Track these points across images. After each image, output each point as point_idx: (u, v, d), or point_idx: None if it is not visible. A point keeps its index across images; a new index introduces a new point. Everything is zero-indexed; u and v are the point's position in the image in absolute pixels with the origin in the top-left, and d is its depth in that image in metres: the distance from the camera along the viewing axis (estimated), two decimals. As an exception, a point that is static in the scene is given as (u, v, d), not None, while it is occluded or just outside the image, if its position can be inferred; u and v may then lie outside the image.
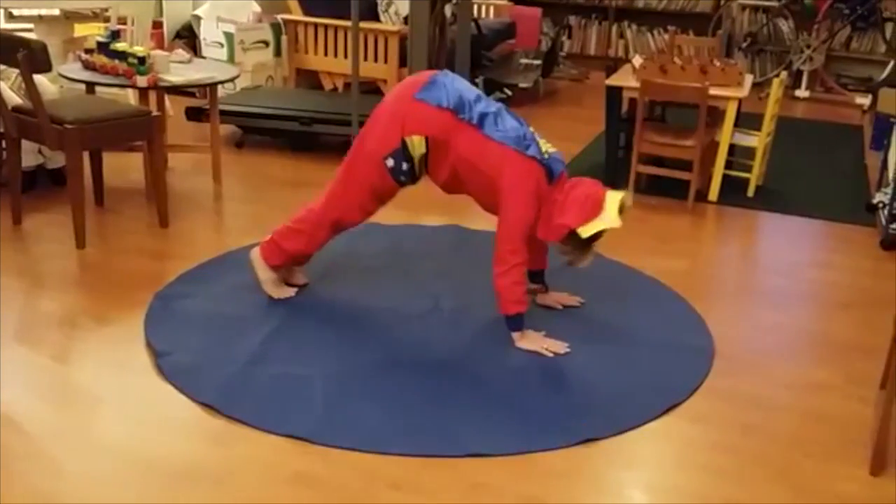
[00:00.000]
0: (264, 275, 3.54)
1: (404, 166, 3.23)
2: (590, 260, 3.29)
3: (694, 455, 2.72)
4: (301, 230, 3.45)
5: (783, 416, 2.95)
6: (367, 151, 3.28)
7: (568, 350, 3.23)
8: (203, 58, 6.14)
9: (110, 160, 4.54)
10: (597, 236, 3.16)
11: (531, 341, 3.25)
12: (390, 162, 3.23)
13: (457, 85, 3.25)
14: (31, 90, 3.81)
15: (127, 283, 3.66)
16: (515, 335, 3.25)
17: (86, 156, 4.18)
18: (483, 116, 3.18)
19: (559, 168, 3.25)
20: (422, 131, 3.17)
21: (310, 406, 2.82)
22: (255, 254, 3.56)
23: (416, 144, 3.19)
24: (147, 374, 3.00)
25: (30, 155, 4.42)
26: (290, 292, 3.56)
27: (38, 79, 3.93)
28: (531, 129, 3.27)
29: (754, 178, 5.13)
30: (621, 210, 3.13)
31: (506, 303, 3.21)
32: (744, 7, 8.22)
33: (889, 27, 7.84)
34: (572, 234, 3.14)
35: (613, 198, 3.15)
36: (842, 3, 7.77)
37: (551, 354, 3.20)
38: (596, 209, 3.12)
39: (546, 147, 3.25)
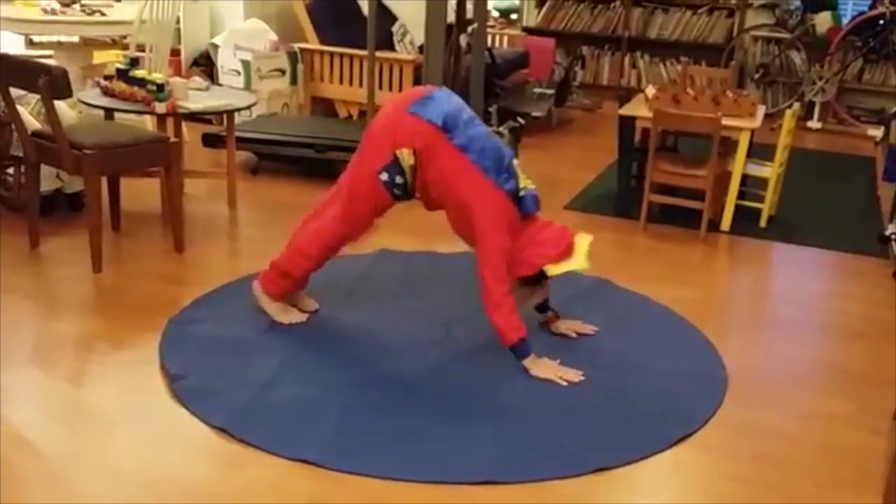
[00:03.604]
0: (269, 306, 3.57)
1: (398, 179, 3.27)
2: (536, 300, 3.42)
3: (706, 485, 2.71)
4: (311, 255, 3.47)
5: (796, 446, 2.94)
6: (364, 167, 3.33)
7: (582, 378, 3.23)
8: (220, 85, 6.22)
9: (127, 185, 4.59)
10: (545, 277, 3.26)
11: (546, 370, 3.26)
12: (384, 176, 3.27)
13: (452, 103, 3.29)
14: (50, 116, 3.87)
15: (142, 307, 3.69)
16: (528, 363, 3.25)
17: (103, 181, 4.23)
18: (470, 140, 3.21)
19: (532, 207, 3.31)
20: (410, 144, 3.21)
21: (323, 431, 2.83)
22: (256, 287, 3.60)
23: (406, 156, 3.23)
24: (161, 398, 3.02)
25: (48, 179, 4.47)
26: (302, 317, 3.59)
27: (58, 104, 3.99)
28: (516, 161, 3.32)
29: (767, 208, 5.14)
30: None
31: (505, 334, 3.22)
32: (756, 38, 8.26)
33: (901, 59, 7.87)
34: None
35: (582, 240, 3.25)
36: (854, 35, 7.80)
37: (565, 383, 3.20)
38: (567, 251, 3.22)
39: (525, 183, 3.30)
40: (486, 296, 3.22)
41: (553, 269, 3.20)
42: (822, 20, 7.87)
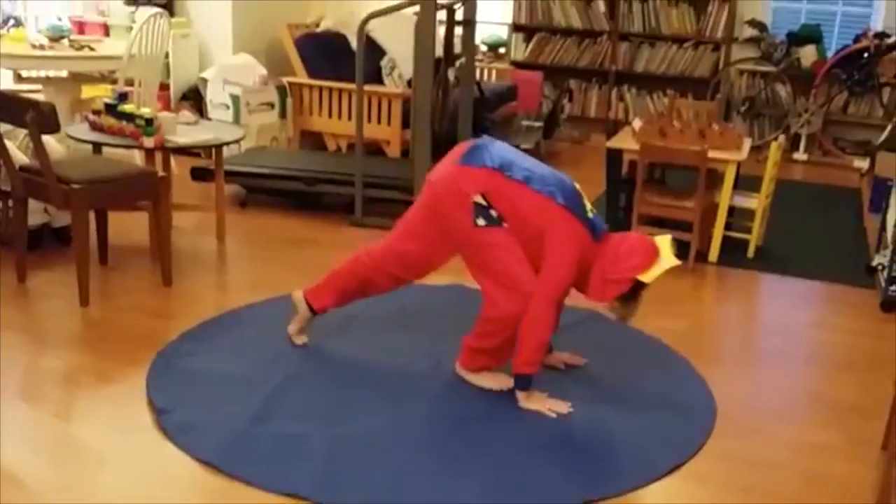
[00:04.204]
0: (304, 314, 3.61)
1: (494, 213, 3.19)
2: (634, 316, 3.33)
3: (696, 516, 2.71)
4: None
5: (785, 476, 2.94)
6: (458, 237, 3.25)
7: (571, 410, 3.23)
8: (209, 119, 6.24)
9: (115, 218, 4.58)
10: (643, 286, 3.17)
11: (535, 401, 3.25)
12: (482, 221, 3.19)
13: (497, 146, 3.29)
14: (38, 150, 3.87)
15: (130, 340, 3.68)
16: (520, 395, 3.25)
17: (91, 214, 4.22)
18: (529, 172, 3.20)
19: (602, 227, 3.27)
20: (476, 189, 3.18)
21: (312, 465, 2.82)
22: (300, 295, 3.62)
23: (480, 199, 3.18)
24: (149, 432, 3.00)
25: (36, 213, 4.46)
26: (304, 341, 3.64)
27: (46, 139, 3.99)
28: (577, 185, 3.29)
29: (754, 239, 5.17)
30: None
31: (524, 362, 3.20)
32: (742, 72, 8.34)
33: (886, 92, 7.95)
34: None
35: (664, 241, 3.20)
36: (838, 68, 7.89)
37: (554, 415, 3.20)
38: (654, 255, 3.15)
39: (589, 205, 3.28)
40: (532, 317, 3.15)
41: (647, 276, 3.12)
42: (807, 53, 7.96)
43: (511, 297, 3.20)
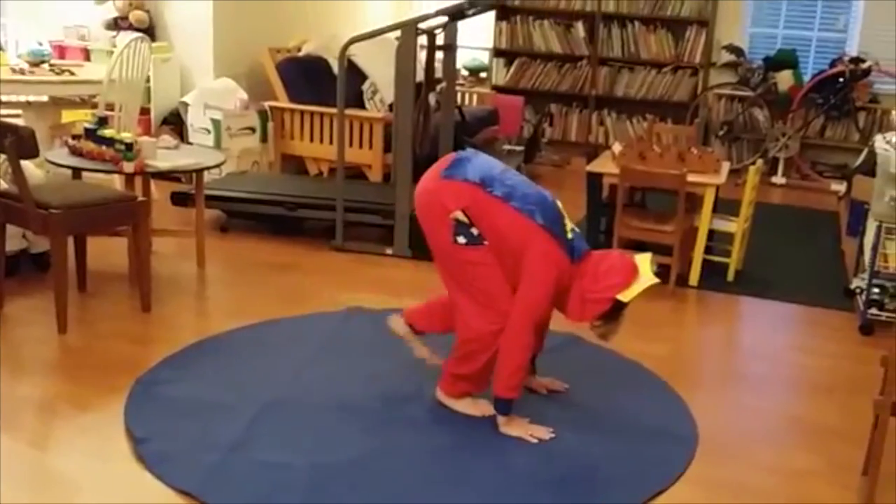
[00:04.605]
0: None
1: (474, 231, 3.17)
2: (615, 335, 3.31)
3: (678, 543, 2.70)
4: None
5: (767, 502, 2.93)
6: (442, 250, 3.24)
7: (552, 436, 3.22)
8: (190, 143, 6.22)
9: (94, 244, 4.55)
10: (624, 305, 3.16)
11: (516, 427, 3.24)
12: (462, 239, 3.17)
13: (481, 160, 3.27)
14: (17, 175, 3.84)
15: (108, 368, 3.64)
16: (501, 420, 3.24)
17: (70, 240, 4.20)
18: (511, 189, 3.18)
19: (582, 246, 3.24)
20: (458, 204, 3.16)
21: (292, 494, 2.79)
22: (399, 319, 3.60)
23: (460, 216, 3.17)
24: (126, 462, 2.97)
25: (14, 239, 4.42)
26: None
27: (25, 164, 3.97)
28: (558, 202, 3.28)
29: (733, 262, 5.19)
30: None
31: (503, 386, 3.18)
32: (720, 96, 8.42)
33: (861, 116, 8.04)
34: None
35: (643, 259, 3.18)
36: (815, 93, 7.97)
37: (535, 440, 3.19)
38: (633, 274, 3.14)
39: (570, 225, 3.25)
40: (508, 338, 3.13)
41: (626, 295, 3.11)
42: (784, 78, 8.05)
43: (486, 315, 3.19)
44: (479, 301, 3.20)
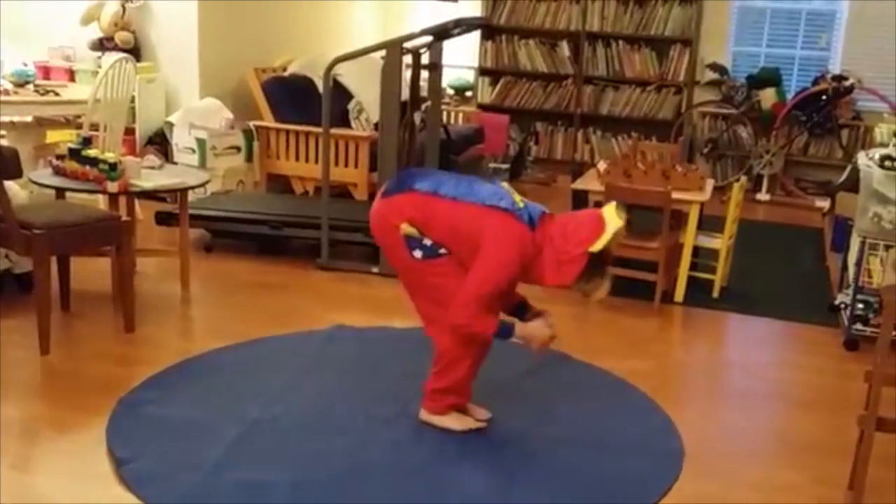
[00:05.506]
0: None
1: (427, 242, 3.16)
2: (607, 288, 3.22)
3: (664, 560, 2.69)
4: (451, 360, 3.29)
5: (753, 518, 2.93)
6: (403, 266, 3.25)
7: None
8: (175, 163, 6.21)
9: (78, 264, 4.53)
10: (608, 261, 3.13)
11: (535, 329, 3.23)
12: (418, 253, 3.17)
13: (422, 171, 3.30)
14: (0, 196, 3.83)
15: (90, 389, 3.62)
16: (520, 332, 3.20)
17: (53, 260, 4.17)
18: (457, 186, 3.19)
19: (538, 211, 3.20)
20: (402, 217, 3.16)
21: (274, 514, 2.77)
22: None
23: (408, 229, 3.17)
24: (108, 483, 2.94)
25: (-3, 260, 4.41)
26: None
27: (8, 184, 3.95)
28: (504, 184, 3.29)
29: (718, 279, 5.21)
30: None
31: (483, 328, 3.14)
32: (704, 114, 8.47)
33: (844, 133, 8.10)
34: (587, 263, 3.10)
35: (608, 207, 3.13)
36: (798, 110, 8.03)
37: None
38: (600, 224, 3.08)
39: (518, 197, 3.23)
40: (459, 304, 3.10)
41: (596, 245, 3.04)
42: (767, 96, 8.11)
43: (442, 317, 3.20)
44: (446, 306, 3.17)
